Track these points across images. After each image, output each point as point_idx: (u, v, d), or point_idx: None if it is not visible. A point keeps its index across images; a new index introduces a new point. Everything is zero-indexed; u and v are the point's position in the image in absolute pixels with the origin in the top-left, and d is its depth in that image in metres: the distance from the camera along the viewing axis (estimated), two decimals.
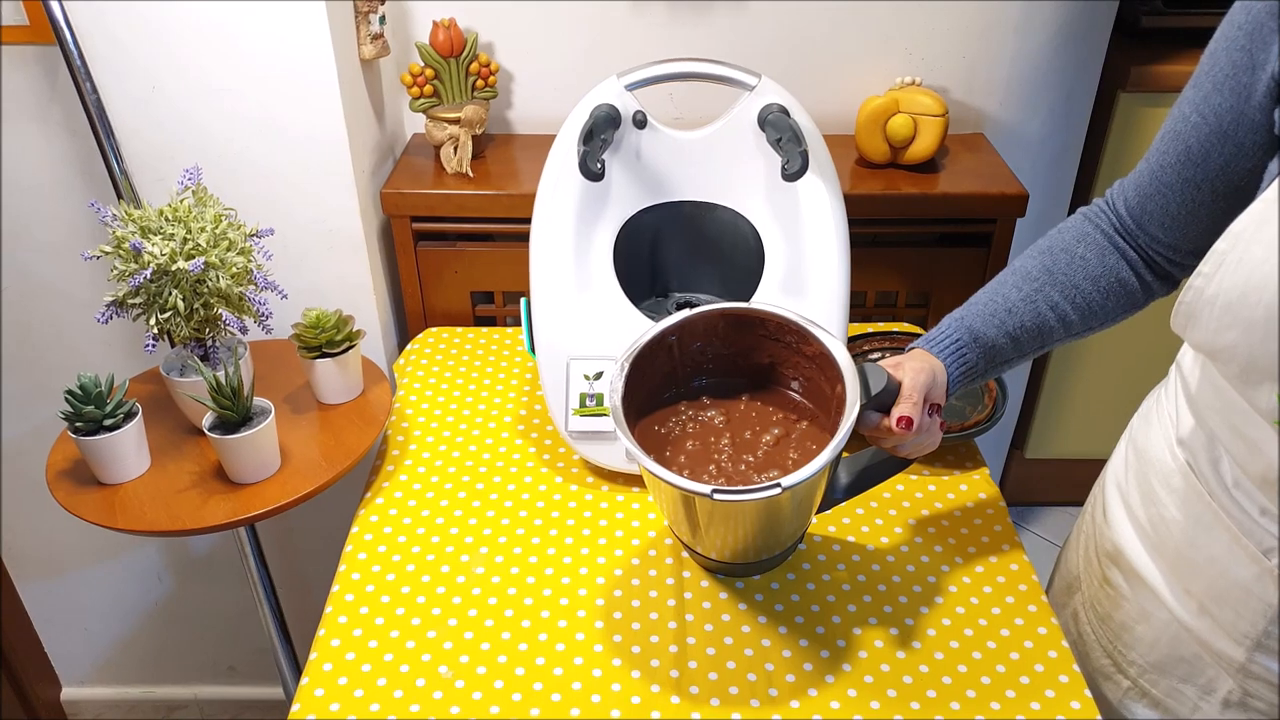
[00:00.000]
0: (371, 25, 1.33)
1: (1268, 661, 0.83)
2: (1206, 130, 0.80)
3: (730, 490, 0.83)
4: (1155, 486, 0.92)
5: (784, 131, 1.09)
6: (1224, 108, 0.78)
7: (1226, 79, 0.77)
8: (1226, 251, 0.73)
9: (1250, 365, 0.73)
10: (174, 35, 1.21)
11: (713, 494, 0.83)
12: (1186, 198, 0.84)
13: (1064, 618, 1.06)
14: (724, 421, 0.99)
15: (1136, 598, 0.95)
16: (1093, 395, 2.06)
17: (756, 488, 0.83)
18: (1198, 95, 0.80)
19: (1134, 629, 0.95)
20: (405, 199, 1.42)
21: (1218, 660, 0.87)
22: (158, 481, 1.11)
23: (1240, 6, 0.77)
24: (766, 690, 0.92)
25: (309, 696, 0.92)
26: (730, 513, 0.90)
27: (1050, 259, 0.92)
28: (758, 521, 0.93)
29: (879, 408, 0.89)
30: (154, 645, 1.85)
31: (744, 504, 0.86)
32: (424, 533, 1.09)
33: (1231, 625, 0.84)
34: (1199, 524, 0.86)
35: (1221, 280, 0.73)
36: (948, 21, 1.49)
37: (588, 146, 1.09)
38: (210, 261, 1.06)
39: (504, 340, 1.43)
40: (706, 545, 0.98)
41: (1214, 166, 0.80)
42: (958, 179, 1.46)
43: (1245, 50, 0.76)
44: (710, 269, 1.25)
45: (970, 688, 0.92)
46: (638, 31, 1.48)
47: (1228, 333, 0.73)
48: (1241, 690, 0.86)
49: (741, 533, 0.95)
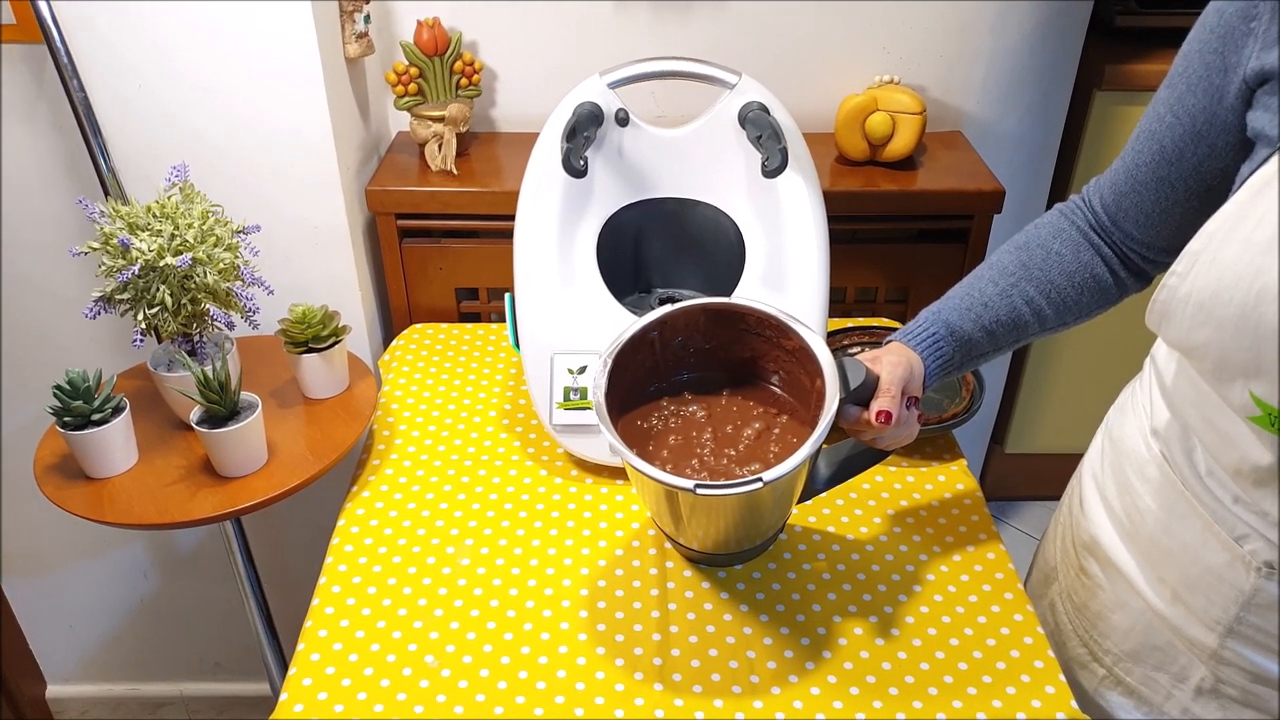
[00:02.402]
0: (356, 24, 1.34)
1: (1239, 647, 0.85)
2: (1180, 130, 0.81)
3: (713, 485, 0.85)
4: (1130, 477, 0.94)
5: (764, 129, 1.11)
6: (1197, 108, 0.79)
7: (1200, 80, 0.79)
8: (1199, 251, 0.74)
9: (1222, 362, 0.74)
10: (161, 34, 1.22)
11: (695, 489, 0.85)
12: (1161, 196, 0.85)
13: (1041, 608, 1.08)
14: (706, 416, 1.01)
15: (1112, 587, 0.97)
16: (1071, 390, 2.09)
17: (738, 482, 0.85)
18: (1172, 95, 0.82)
19: (1109, 618, 0.97)
20: (390, 196, 1.43)
21: (1191, 648, 0.89)
22: (145, 475, 1.12)
23: (1213, 8, 0.78)
24: (748, 677, 0.94)
25: (297, 686, 0.93)
26: (712, 506, 0.92)
27: (1026, 254, 0.94)
28: (739, 514, 0.94)
29: (858, 401, 0.90)
30: (140, 642, 1.86)
31: (726, 498, 0.87)
32: (409, 526, 1.11)
33: (1204, 612, 0.86)
34: (1173, 513, 0.88)
35: (1194, 280, 0.74)
36: (926, 20, 1.51)
37: (571, 144, 1.10)
38: (198, 257, 1.07)
39: (488, 336, 1.44)
40: (689, 537, 1.00)
41: (1188, 166, 0.82)
42: (936, 176, 1.48)
43: (1218, 53, 0.77)
44: (692, 265, 1.27)
45: (946, 674, 0.94)
46: (620, 30, 1.49)
47: (1201, 331, 0.75)
48: (1214, 677, 0.88)
49: (723, 524, 0.97)
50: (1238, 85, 0.76)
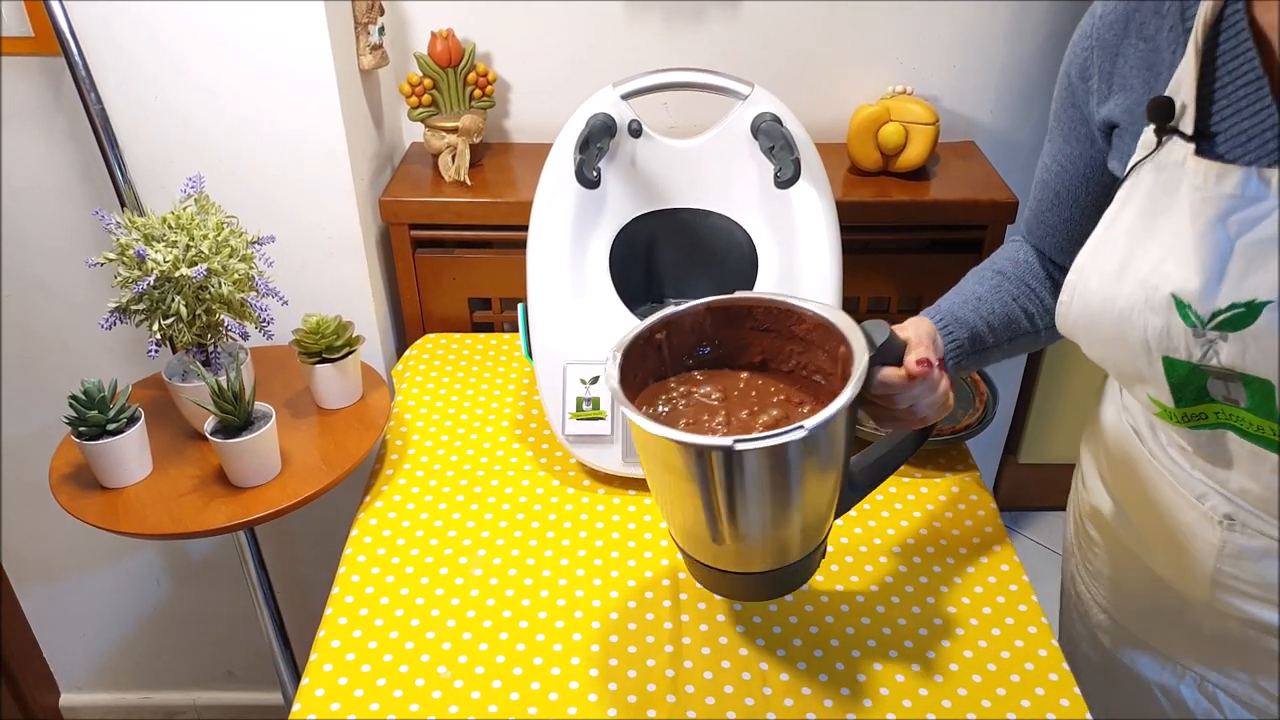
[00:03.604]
0: (371, 36, 1.35)
1: (1226, 598, 0.89)
2: (1068, 177, 0.91)
3: (753, 438, 0.75)
4: (1114, 449, 0.99)
5: (776, 140, 1.11)
6: (1077, 155, 0.89)
7: (1070, 131, 0.89)
8: (1075, 283, 0.81)
9: (1121, 373, 0.83)
10: (177, 46, 1.23)
11: (734, 445, 0.75)
12: (1072, 232, 0.93)
13: (1064, 581, 1.14)
14: (720, 399, 0.91)
15: (1115, 553, 1.02)
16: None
17: (779, 432, 0.76)
18: (1053, 147, 0.92)
19: (1120, 582, 1.02)
20: (404, 207, 1.44)
21: (1191, 604, 0.92)
22: (160, 485, 1.12)
23: (1062, 69, 0.87)
24: (760, 689, 0.93)
25: (309, 696, 0.93)
26: (749, 485, 0.81)
27: (997, 266, 0.99)
28: (777, 496, 0.83)
29: (885, 362, 0.84)
30: (152, 650, 1.86)
31: (763, 471, 0.79)
32: (422, 535, 1.11)
33: (1190, 569, 0.90)
34: (1147, 480, 0.93)
35: (1075, 307, 0.81)
36: (938, 31, 1.51)
37: (584, 155, 1.11)
38: (213, 268, 1.08)
39: (501, 346, 1.44)
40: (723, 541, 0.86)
41: (1085, 204, 0.91)
42: (948, 186, 1.48)
43: (1075, 105, 0.87)
44: (705, 275, 1.27)
45: (961, 686, 0.94)
46: (633, 42, 1.50)
47: (1095, 348, 0.82)
48: (1221, 628, 0.91)
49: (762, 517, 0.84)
50: (1097, 133, 0.85)
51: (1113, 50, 0.80)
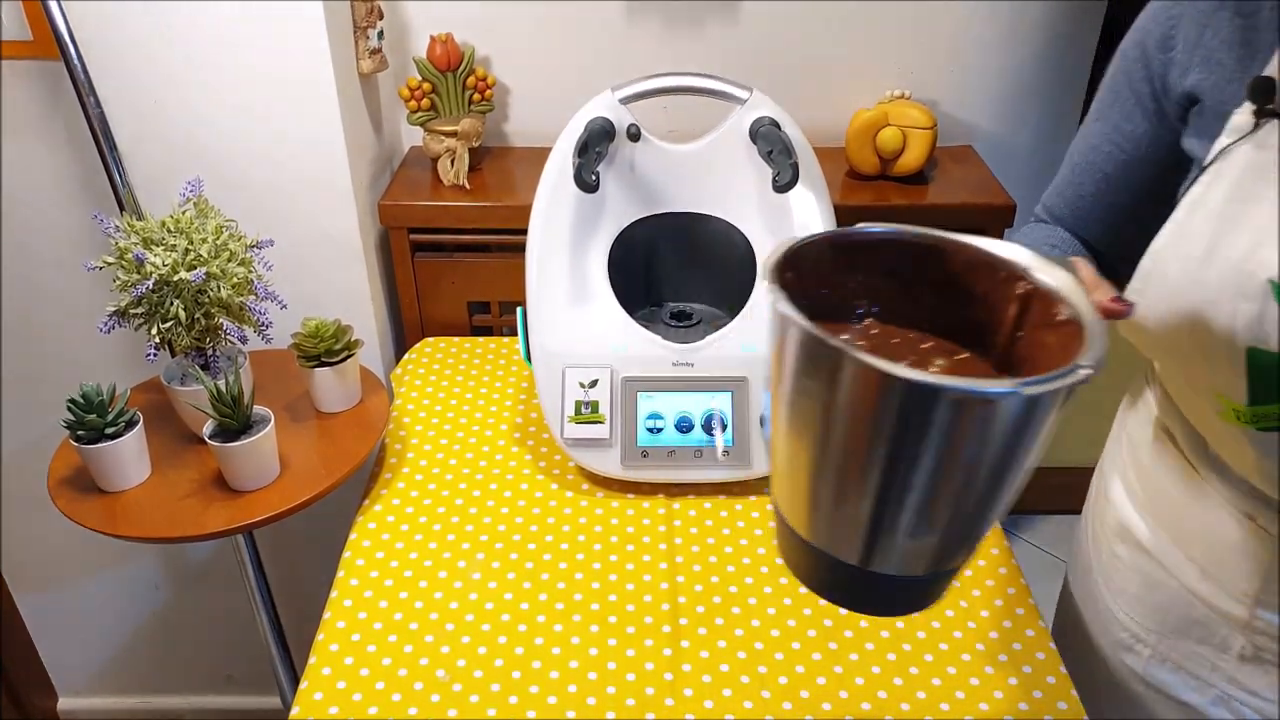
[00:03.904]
0: (370, 40, 1.35)
1: (1268, 615, 0.87)
2: (1123, 157, 0.87)
3: (1038, 380, 0.55)
4: (1148, 464, 0.96)
5: (775, 144, 1.11)
6: (1139, 134, 0.86)
7: (1135, 108, 0.85)
8: (1150, 270, 0.78)
9: (1189, 369, 0.80)
10: (177, 50, 1.23)
11: (1022, 389, 0.55)
12: (1117, 219, 0.91)
13: (1081, 597, 1.10)
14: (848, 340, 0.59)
15: (1144, 569, 0.98)
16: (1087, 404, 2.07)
17: (1061, 372, 0.57)
18: (1105, 126, 0.88)
19: (1146, 599, 0.99)
20: (403, 210, 1.44)
21: (1226, 620, 0.91)
22: (159, 489, 1.12)
23: (1132, 40, 0.85)
24: (759, 692, 0.93)
25: (308, 700, 0.93)
26: (1005, 440, 0.59)
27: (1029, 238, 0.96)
28: (1010, 461, 0.61)
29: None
30: (151, 655, 1.86)
31: (1030, 425, 0.59)
32: (421, 539, 1.11)
33: (1232, 585, 0.88)
34: (1190, 495, 0.90)
35: (1150, 295, 0.78)
36: (936, 35, 1.51)
37: (582, 159, 1.11)
38: (211, 272, 1.08)
39: (500, 349, 1.44)
40: (883, 547, 0.62)
41: (1140, 187, 0.88)
42: (947, 190, 1.48)
43: (1146, 80, 0.83)
44: (703, 279, 1.27)
45: (959, 688, 0.94)
46: (632, 46, 1.50)
47: (1164, 340, 0.79)
48: (1253, 646, 0.90)
49: (977, 494, 0.61)
50: (1174, 108, 0.82)
51: (1202, 22, 0.77)
